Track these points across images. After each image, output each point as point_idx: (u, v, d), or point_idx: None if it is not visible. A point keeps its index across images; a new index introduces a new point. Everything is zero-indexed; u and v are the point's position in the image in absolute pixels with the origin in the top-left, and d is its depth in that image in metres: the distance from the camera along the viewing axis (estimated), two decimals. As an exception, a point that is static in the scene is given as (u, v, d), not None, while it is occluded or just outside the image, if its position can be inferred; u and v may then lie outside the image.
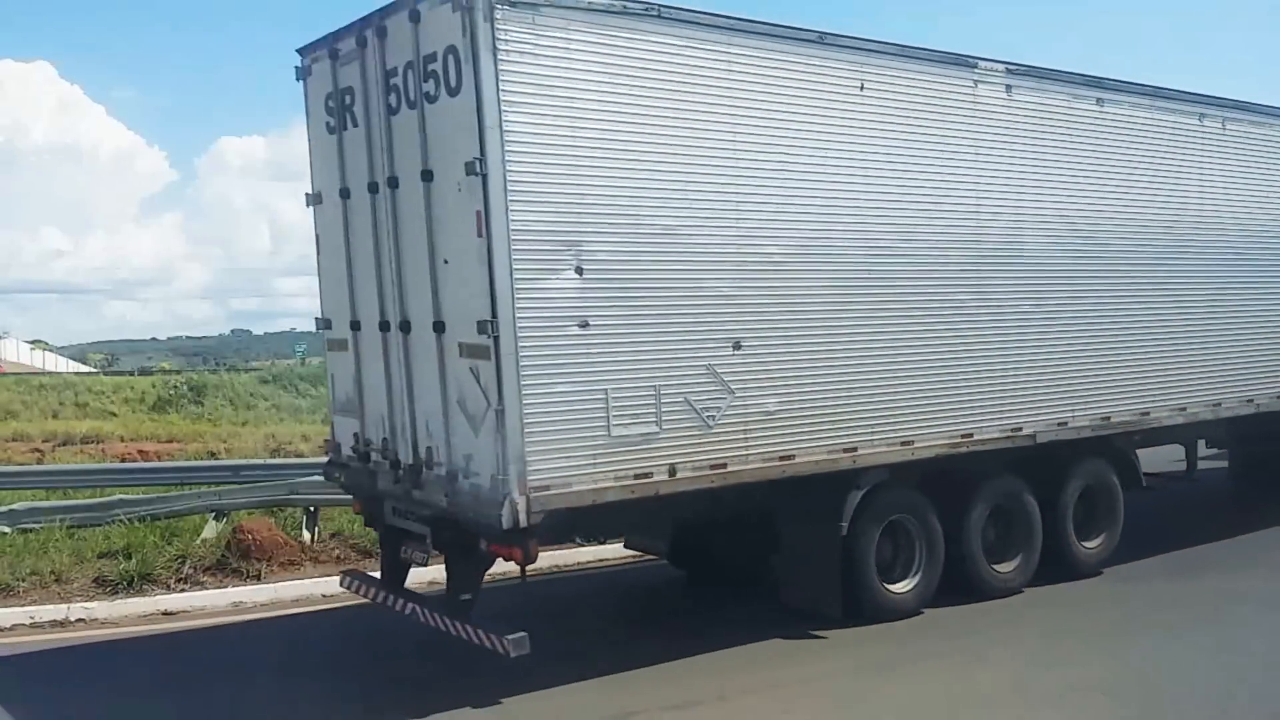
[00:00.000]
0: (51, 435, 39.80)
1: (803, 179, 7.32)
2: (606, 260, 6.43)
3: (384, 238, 6.97)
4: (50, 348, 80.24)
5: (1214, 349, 10.04)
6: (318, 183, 7.72)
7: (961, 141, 8.14)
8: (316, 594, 9.72)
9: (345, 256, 7.40)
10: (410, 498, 6.96)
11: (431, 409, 6.66)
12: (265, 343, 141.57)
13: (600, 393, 6.38)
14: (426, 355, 6.65)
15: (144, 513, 12.33)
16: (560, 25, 6.16)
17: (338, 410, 7.89)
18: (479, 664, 6.89)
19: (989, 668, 7.04)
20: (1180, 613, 8.25)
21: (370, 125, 6.99)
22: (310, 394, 49.05)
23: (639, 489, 6.55)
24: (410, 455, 6.90)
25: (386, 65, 6.76)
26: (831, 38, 7.45)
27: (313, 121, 7.69)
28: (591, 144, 6.32)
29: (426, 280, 6.55)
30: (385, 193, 6.91)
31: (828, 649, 7.50)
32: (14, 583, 9.86)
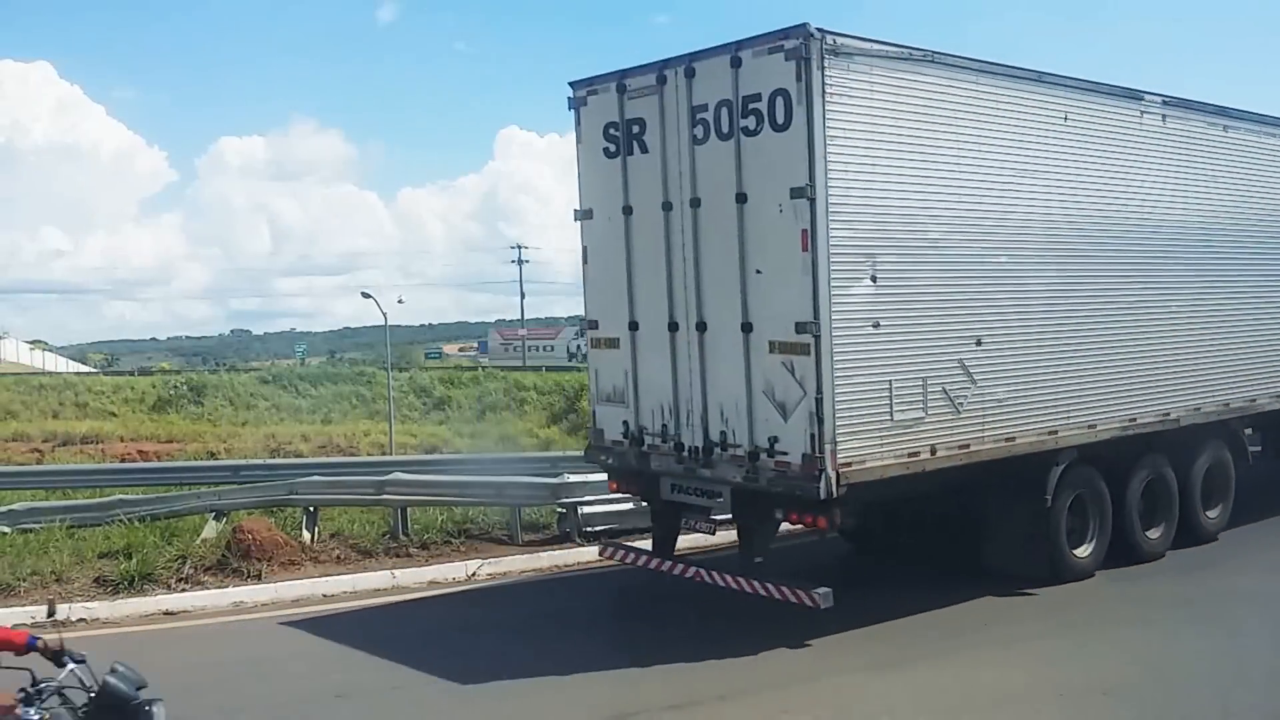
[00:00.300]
0: (51, 435, 39.90)
1: (1026, 196, 8.53)
2: (892, 270, 7.56)
3: (678, 250, 7.94)
4: (50, 348, 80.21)
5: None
6: (588, 200, 8.68)
7: (1132, 161, 9.44)
8: (317, 594, 9.73)
9: (625, 266, 8.36)
10: (695, 475, 7.94)
11: (729, 398, 7.62)
12: (265, 343, 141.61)
13: (885, 383, 7.50)
14: (728, 352, 7.64)
15: (144, 513, 12.37)
16: (865, 70, 7.28)
17: (601, 401, 8.77)
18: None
19: (989, 668, 7.04)
20: (1180, 613, 8.26)
21: (666, 152, 7.93)
22: (310, 394, 49.11)
23: (911, 466, 7.68)
24: (700, 438, 7.87)
25: (693, 101, 7.72)
26: (1049, 76, 8.75)
27: (585, 147, 8.65)
28: (885, 169, 7.47)
29: (735, 287, 7.55)
30: (683, 211, 7.86)
31: (827, 649, 7.50)
32: (15, 582, 9.86)
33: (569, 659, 7.40)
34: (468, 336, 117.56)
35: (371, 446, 38.47)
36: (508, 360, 68.10)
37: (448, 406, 48.46)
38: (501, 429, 41.05)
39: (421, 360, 74.84)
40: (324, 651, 8.09)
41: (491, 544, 11.20)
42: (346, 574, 10.25)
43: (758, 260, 7.44)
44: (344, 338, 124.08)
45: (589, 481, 11.48)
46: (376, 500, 11.69)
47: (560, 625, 8.58)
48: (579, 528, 11.21)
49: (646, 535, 11.22)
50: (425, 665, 7.53)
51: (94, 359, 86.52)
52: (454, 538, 11.25)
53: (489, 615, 9.01)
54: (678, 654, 7.43)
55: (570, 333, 75.62)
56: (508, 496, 11.60)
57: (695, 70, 7.69)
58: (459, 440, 38.63)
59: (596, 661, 7.34)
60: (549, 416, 46.11)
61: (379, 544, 11.07)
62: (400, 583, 10.04)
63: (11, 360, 66.98)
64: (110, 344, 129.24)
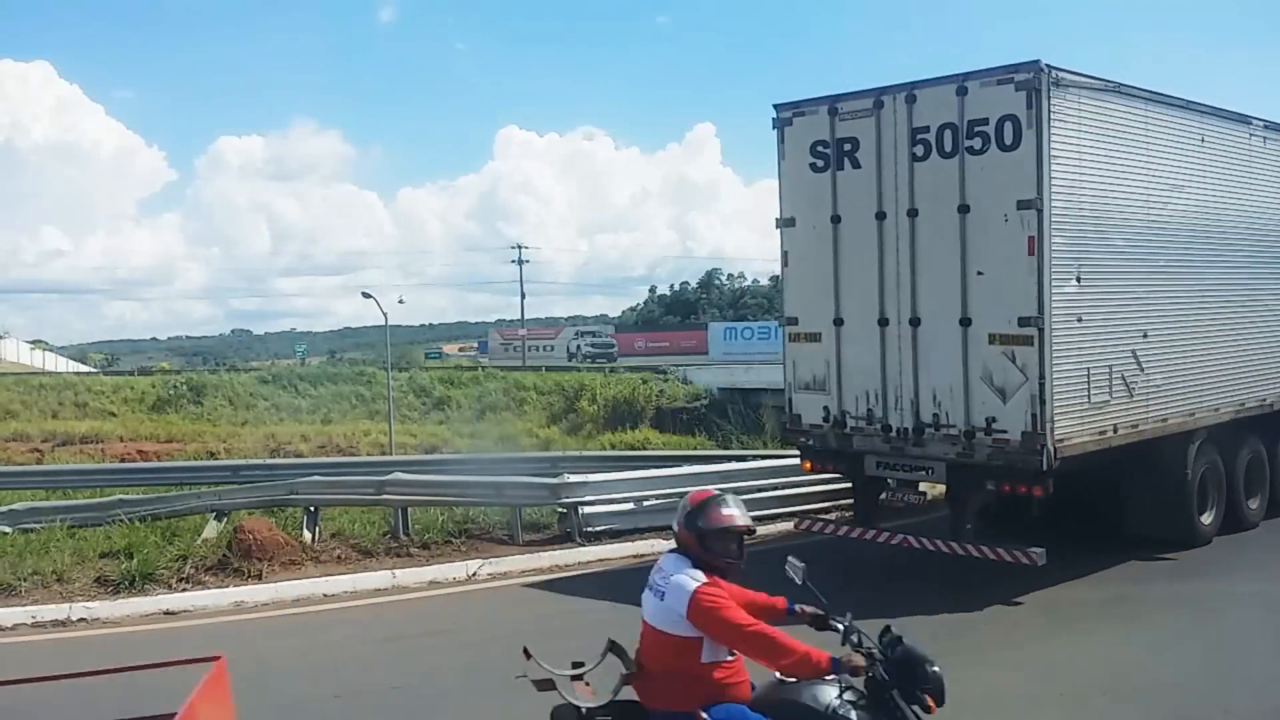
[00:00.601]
0: (51, 435, 39.92)
1: (1179, 208, 9.86)
2: (1091, 271, 8.75)
3: (891, 254, 8.99)
4: (50, 348, 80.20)
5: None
6: (790, 210, 9.74)
7: (1242, 176, 10.79)
8: (318, 594, 9.73)
9: (831, 268, 9.41)
10: (904, 454, 9.07)
11: (942, 384, 8.73)
12: (265, 343, 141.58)
13: (1084, 370, 8.67)
14: (944, 343, 8.73)
15: (144, 513, 12.37)
16: (1075, 99, 8.49)
17: (799, 389, 9.85)
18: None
19: (989, 668, 7.04)
20: (1180, 613, 8.26)
21: (882, 168, 9.00)
22: (310, 394, 49.10)
23: (1100, 442, 8.91)
24: (910, 420, 8.98)
25: (914, 123, 8.80)
26: (1193, 104, 10.03)
27: (789, 162, 9.74)
28: (1088, 184, 8.69)
29: (954, 286, 8.61)
30: (899, 220, 8.93)
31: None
32: (15, 582, 9.87)
33: (569, 657, 7.41)
34: (468, 336, 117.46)
35: (371, 446, 38.49)
36: (508, 360, 68.05)
37: (448, 406, 48.46)
38: (501, 429, 41.06)
39: (421, 360, 74.76)
40: (324, 651, 8.10)
41: (492, 544, 11.21)
42: (347, 574, 10.26)
43: (979, 263, 8.51)
44: (344, 338, 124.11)
45: (589, 482, 11.50)
46: (377, 500, 11.70)
47: (560, 625, 8.58)
48: (579, 528, 11.21)
49: (647, 535, 11.29)
50: (425, 665, 7.54)
51: (94, 359, 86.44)
52: (454, 538, 11.26)
53: (489, 615, 9.02)
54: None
55: (570, 333, 75.55)
56: (508, 496, 11.61)
57: (916, 97, 8.79)
58: (459, 440, 38.64)
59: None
60: (549, 416, 46.11)
61: (379, 544, 11.08)
62: (401, 583, 10.05)
63: (12, 360, 66.98)
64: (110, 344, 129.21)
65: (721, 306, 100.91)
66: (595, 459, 16.76)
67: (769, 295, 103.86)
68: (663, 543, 11.20)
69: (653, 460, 15.72)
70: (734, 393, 38.66)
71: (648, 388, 45.17)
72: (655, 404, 43.29)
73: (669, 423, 40.56)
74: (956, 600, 8.44)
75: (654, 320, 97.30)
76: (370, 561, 10.70)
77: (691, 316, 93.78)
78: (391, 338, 50.14)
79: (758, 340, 64.90)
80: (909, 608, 7.67)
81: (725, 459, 14.24)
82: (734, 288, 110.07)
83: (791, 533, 10.71)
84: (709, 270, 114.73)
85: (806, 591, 4.27)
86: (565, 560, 10.64)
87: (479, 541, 11.27)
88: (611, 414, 43.26)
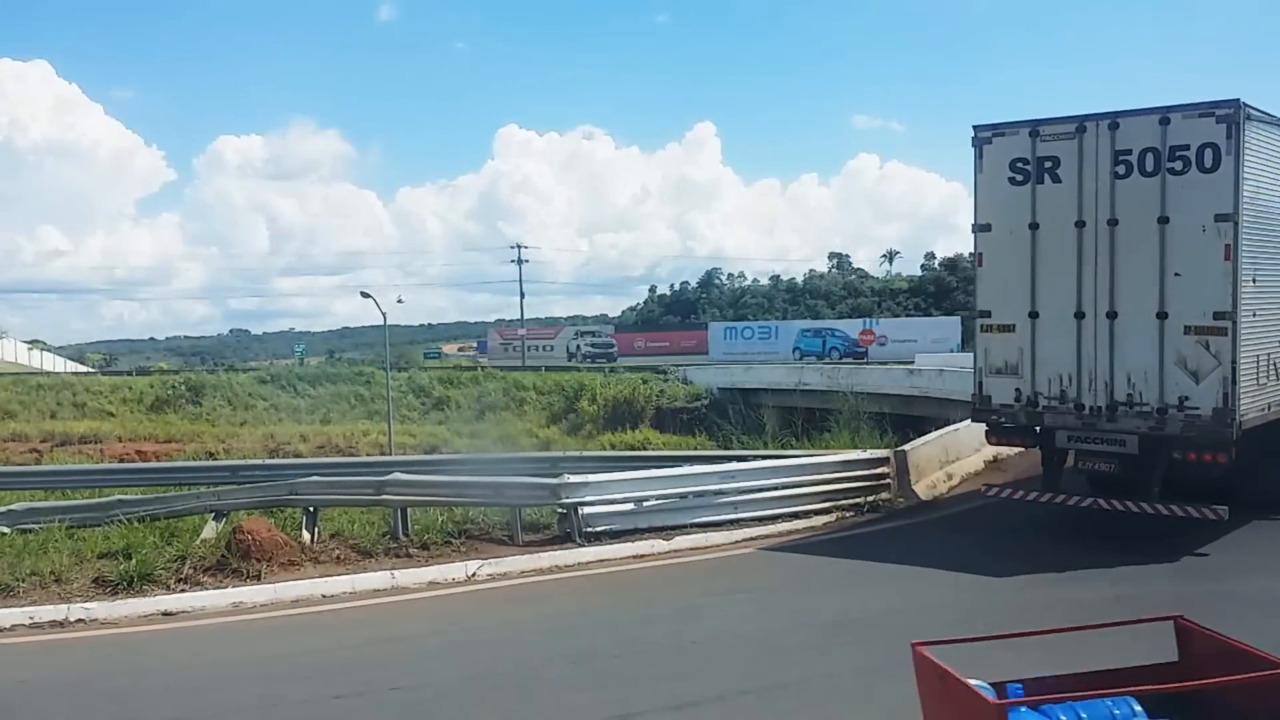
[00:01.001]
0: (50, 435, 39.91)
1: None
2: (1261, 275, 10.35)
3: (1090, 257, 10.56)
4: (48, 347, 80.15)
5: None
6: (985, 216, 11.34)
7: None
8: (317, 594, 9.70)
9: (1028, 269, 10.96)
10: (1096, 429, 10.70)
11: (1136, 368, 10.33)
12: (264, 343, 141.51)
13: (1254, 358, 10.31)
14: (1139, 333, 10.30)
15: (143, 513, 12.33)
16: (1257, 131, 10.07)
17: (991, 374, 11.39)
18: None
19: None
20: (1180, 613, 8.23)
21: (1083, 183, 10.56)
22: (309, 394, 49.09)
23: (1263, 418, 10.56)
24: (1104, 399, 10.56)
25: (1116, 146, 10.38)
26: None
27: (986, 176, 11.33)
28: (1263, 200, 10.30)
29: (1152, 285, 10.19)
30: (1098, 229, 10.50)
31: (826, 648, 7.50)
32: (13, 583, 9.83)
33: (569, 658, 7.39)
34: (467, 336, 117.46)
35: (371, 446, 38.48)
36: (507, 360, 68.05)
37: (447, 406, 48.46)
38: (501, 429, 41.05)
39: (421, 360, 74.77)
40: (324, 652, 8.07)
41: (491, 544, 11.18)
42: (346, 574, 10.22)
43: (1177, 266, 10.07)
44: (343, 337, 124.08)
45: (589, 482, 11.48)
46: (376, 501, 11.67)
47: (560, 626, 8.56)
48: (579, 528, 11.18)
49: (647, 535, 11.28)
50: (425, 665, 7.52)
51: (92, 359, 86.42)
52: (454, 538, 11.23)
53: (489, 615, 8.99)
54: (677, 655, 7.42)
55: (570, 333, 75.55)
56: (508, 497, 11.58)
57: (1119, 124, 10.32)
58: (458, 440, 38.63)
59: (596, 662, 7.33)
60: (549, 417, 46.12)
61: (379, 544, 11.04)
62: (400, 583, 10.02)
63: (10, 360, 66.95)
64: (109, 344, 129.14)
65: (721, 306, 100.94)
66: (595, 459, 16.73)
67: (769, 295, 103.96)
68: (663, 543, 11.19)
69: (653, 460, 15.70)
70: (734, 393, 38.67)
71: (648, 388, 45.19)
72: (655, 404, 43.31)
73: (669, 423, 40.59)
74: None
75: (654, 320, 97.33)
76: (369, 562, 10.67)
77: (691, 316, 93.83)
78: (391, 338, 50.12)
79: (758, 340, 64.96)
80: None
81: (725, 459, 14.19)
82: (734, 288, 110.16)
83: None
84: (709, 270, 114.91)
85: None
86: (565, 560, 10.61)
87: (479, 542, 11.24)
88: (611, 414, 43.28)
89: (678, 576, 10.16)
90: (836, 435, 17.90)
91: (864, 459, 13.09)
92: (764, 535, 11.70)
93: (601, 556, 10.78)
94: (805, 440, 19.39)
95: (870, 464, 12.98)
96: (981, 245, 11.46)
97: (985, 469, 15.33)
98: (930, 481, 13.63)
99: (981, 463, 15.43)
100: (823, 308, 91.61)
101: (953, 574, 9.57)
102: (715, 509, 11.86)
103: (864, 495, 12.71)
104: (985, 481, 13.15)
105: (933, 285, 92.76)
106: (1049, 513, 11.28)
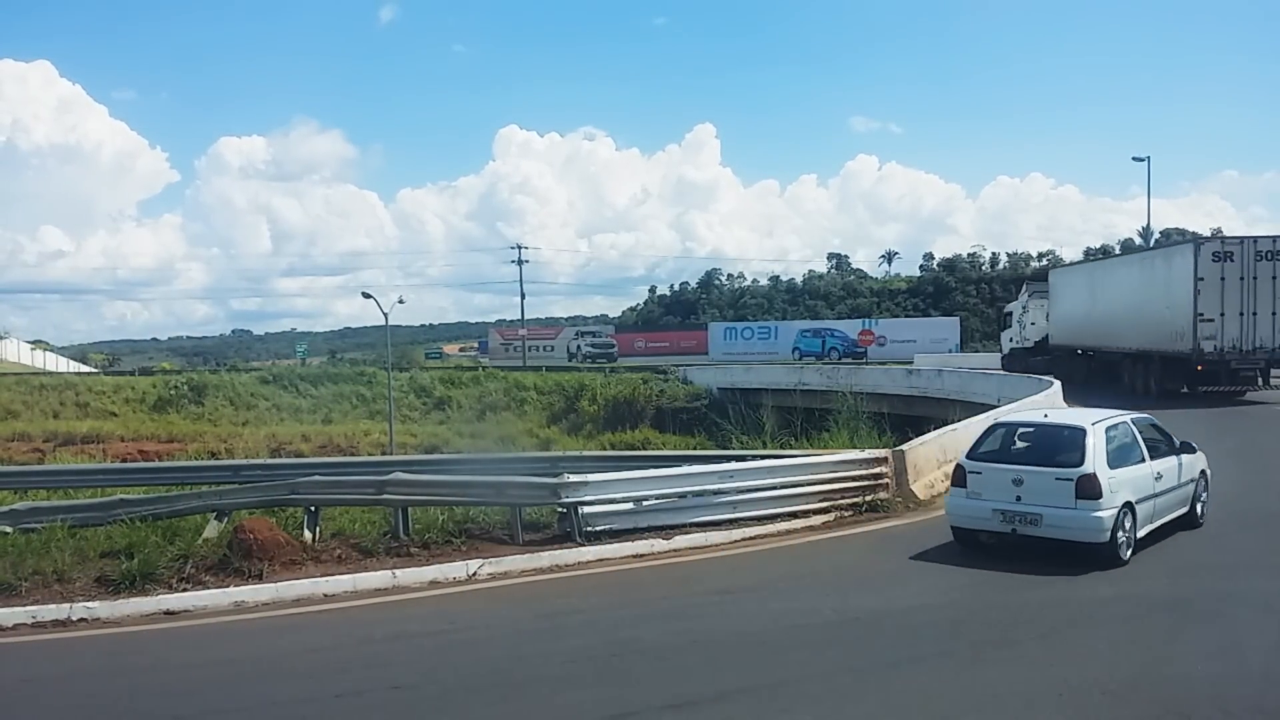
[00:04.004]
0: (53, 435, 39.96)
1: None
2: None
3: (1250, 289, 23.37)
4: (51, 348, 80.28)
5: None
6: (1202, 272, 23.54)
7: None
8: (318, 594, 9.74)
9: (1219, 294, 23.42)
10: (1247, 359, 23.46)
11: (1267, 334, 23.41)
12: (266, 343, 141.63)
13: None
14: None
15: (145, 512, 12.36)
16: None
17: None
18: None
19: (988, 667, 7.06)
20: (1180, 613, 8.27)
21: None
22: (310, 394, 49.13)
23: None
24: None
25: (1257, 247, 23.50)
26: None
27: (1201, 259, 23.55)
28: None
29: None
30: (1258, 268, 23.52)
31: (826, 647, 7.53)
32: (16, 582, 9.88)
33: (569, 657, 7.43)
34: (468, 336, 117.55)
35: (372, 446, 38.52)
36: (508, 360, 68.06)
37: (448, 406, 48.50)
38: (502, 429, 41.08)
39: (422, 360, 74.79)
40: (324, 651, 8.11)
41: (492, 544, 11.22)
42: (347, 574, 10.27)
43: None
44: (345, 338, 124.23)
45: (589, 481, 11.51)
46: (377, 500, 11.71)
47: (560, 625, 8.60)
48: (579, 528, 11.22)
49: (647, 535, 11.32)
50: (425, 665, 7.55)
51: (95, 359, 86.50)
52: (454, 537, 11.27)
53: (489, 615, 9.03)
54: (676, 654, 7.46)
55: (570, 333, 75.54)
56: (508, 496, 11.62)
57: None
58: (459, 440, 38.67)
59: (595, 661, 7.36)
60: (549, 416, 46.14)
61: (380, 543, 11.09)
62: (401, 582, 10.06)
63: (13, 360, 67.02)
64: (111, 344, 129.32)
65: (721, 306, 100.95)
66: (595, 459, 16.74)
67: (768, 295, 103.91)
68: (662, 542, 11.23)
69: (652, 460, 15.72)
70: (734, 393, 38.68)
71: (648, 388, 45.20)
72: (655, 404, 43.33)
73: (669, 423, 40.61)
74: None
75: (654, 320, 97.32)
76: (370, 561, 10.71)
77: (691, 316, 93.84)
78: (392, 338, 50.17)
79: (757, 340, 64.99)
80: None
81: (725, 459, 14.22)
82: (734, 288, 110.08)
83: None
84: (709, 270, 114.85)
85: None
86: (565, 560, 10.66)
87: (479, 541, 11.28)
88: (612, 414, 43.30)
89: (677, 576, 10.19)
90: (835, 435, 17.92)
91: (862, 459, 13.13)
92: (763, 535, 11.75)
93: (601, 556, 10.82)
94: (805, 440, 19.40)
95: (868, 464, 13.03)
96: (1200, 275, 23.46)
97: (984, 469, 15.34)
98: (928, 481, 13.66)
99: (981, 463, 15.44)
100: (822, 308, 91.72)
101: (951, 573, 9.62)
102: (714, 508, 11.91)
103: (862, 495, 12.76)
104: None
105: (931, 286, 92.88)
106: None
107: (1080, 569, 9.36)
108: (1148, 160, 46.05)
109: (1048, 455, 9.88)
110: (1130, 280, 28.05)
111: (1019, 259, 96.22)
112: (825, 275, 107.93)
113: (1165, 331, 24.66)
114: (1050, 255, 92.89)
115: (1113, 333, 28.34)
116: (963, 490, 10.22)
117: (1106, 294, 29.53)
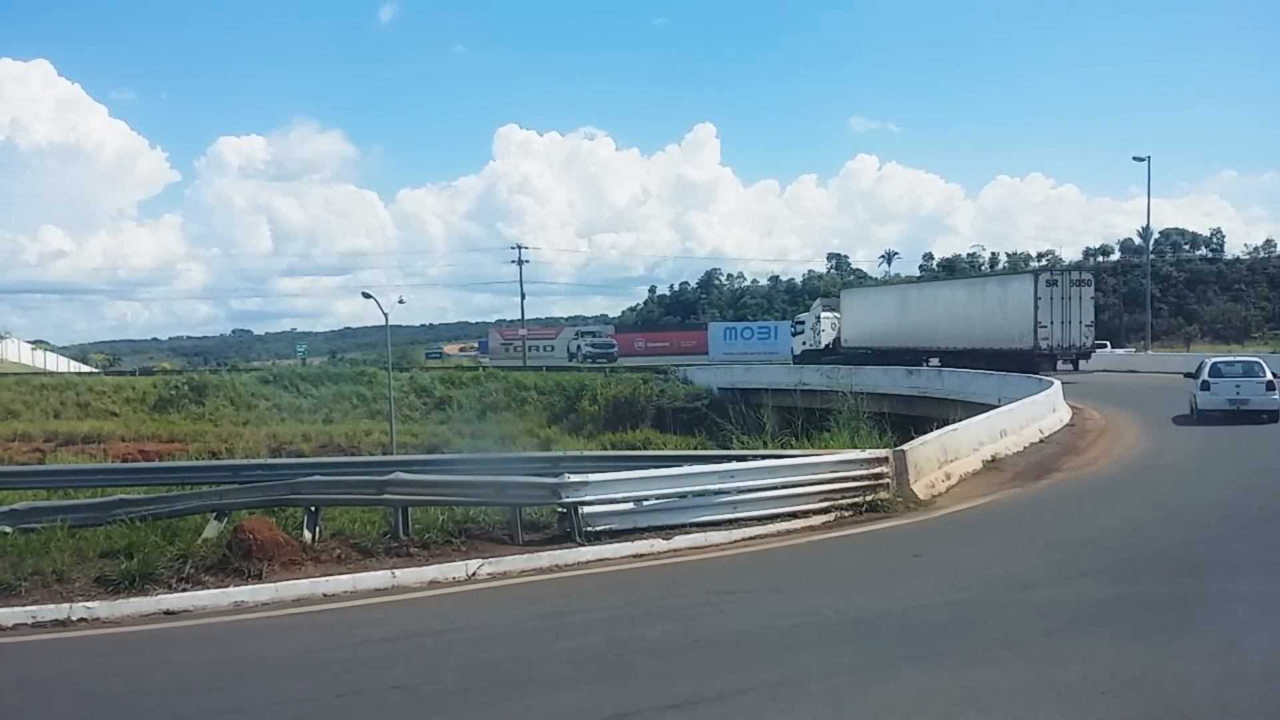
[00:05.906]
0: (53, 435, 40.00)
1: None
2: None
3: (1067, 303, 33.55)
4: (52, 348, 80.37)
5: None
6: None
7: None
8: (318, 593, 9.74)
9: (1050, 307, 32.96)
10: (1066, 352, 33.29)
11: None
12: (266, 343, 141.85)
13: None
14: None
15: (145, 512, 12.36)
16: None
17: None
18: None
19: (988, 667, 7.05)
20: (1180, 613, 8.26)
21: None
22: (311, 394, 49.16)
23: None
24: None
25: (1071, 276, 34.25)
26: None
27: (1039, 285, 33.62)
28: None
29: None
30: (1072, 291, 33.98)
31: (827, 647, 7.52)
32: (16, 582, 9.88)
33: (568, 657, 7.42)
34: (468, 336, 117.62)
35: (373, 446, 38.56)
36: (508, 360, 68.10)
37: (448, 406, 48.53)
38: (502, 429, 41.09)
39: (422, 360, 74.90)
40: (324, 651, 8.10)
41: (492, 544, 11.22)
42: (347, 574, 10.27)
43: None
44: (345, 338, 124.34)
45: (589, 481, 11.51)
46: (377, 500, 11.70)
47: (560, 625, 8.59)
48: (579, 528, 11.22)
49: (647, 535, 11.32)
50: (425, 665, 7.55)
51: (95, 359, 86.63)
52: (454, 537, 11.26)
53: (489, 615, 9.03)
54: (676, 654, 7.45)
55: (570, 333, 75.57)
56: (508, 496, 11.61)
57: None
58: (460, 440, 38.67)
59: (595, 661, 7.36)
60: (549, 416, 46.18)
61: (379, 543, 11.09)
62: (400, 582, 10.06)
63: (13, 360, 67.05)
64: (112, 344, 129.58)
65: (721, 306, 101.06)
66: (595, 459, 16.74)
67: (768, 295, 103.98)
68: (662, 542, 11.22)
69: (652, 460, 15.72)
70: (734, 392, 38.74)
71: (648, 388, 45.24)
72: (655, 404, 43.37)
73: (669, 423, 40.67)
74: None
75: (654, 320, 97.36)
76: (370, 561, 10.71)
77: (691, 317, 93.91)
78: (392, 338, 50.20)
79: (758, 340, 65.05)
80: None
81: (725, 459, 14.21)
82: (734, 288, 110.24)
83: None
84: (709, 270, 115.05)
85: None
86: (565, 560, 10.65)
87: (479, 541, 11.28)
88: (612, 414, 43.34)
89: (677, 576, 10.18)
90: (836, 435, 17.92)
91: (862, 459, 13.12)
92: (763, 535, 11.74)
93: (601, 556, 10.82)
94: (805, 440, 19.40)
95: (869, 464, 13.02)
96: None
97: (983, 469, 15.38)
98: (929, 481, 13.66)
99: (980, 463, 15.47)
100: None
101: (951, 573, 9.60)
102: (714, 508, 11.91)
103: (862, 495, 12.75)
104: (984, 482, 13.26)
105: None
106: (1047, 511, 11.32)
107: (1080, 569, 9.43)
108: (1148, 160, 46.11)
109: (1248, 372, 21.46)
110: (956, 299, 38.23)
111: (1018, 259, 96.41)
112: (825, 275, 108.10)
113: (1002, 335, 34.54)
114: (1050, 255, 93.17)
115: (929, 335, 38.40)
116: (1207, 392, 21.28)
117: (922, 309, 39.66)
